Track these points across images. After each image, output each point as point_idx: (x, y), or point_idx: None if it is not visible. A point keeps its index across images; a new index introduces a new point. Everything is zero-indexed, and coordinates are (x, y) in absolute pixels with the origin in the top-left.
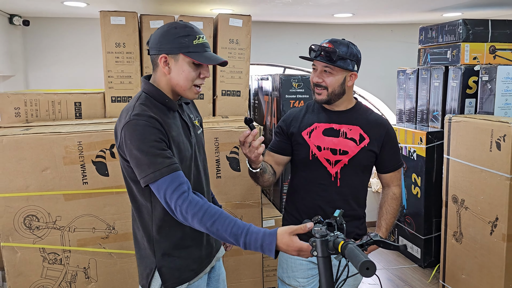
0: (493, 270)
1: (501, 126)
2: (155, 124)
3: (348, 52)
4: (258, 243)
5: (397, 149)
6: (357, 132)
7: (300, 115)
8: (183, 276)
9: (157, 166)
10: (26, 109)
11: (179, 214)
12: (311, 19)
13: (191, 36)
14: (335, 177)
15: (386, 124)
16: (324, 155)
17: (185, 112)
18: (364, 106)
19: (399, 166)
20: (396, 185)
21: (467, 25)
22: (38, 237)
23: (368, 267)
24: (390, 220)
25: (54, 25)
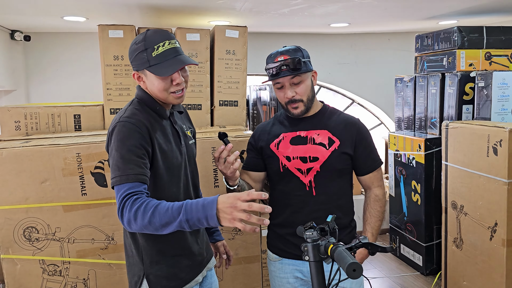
0: (494, 276)
1: (497, 131)
2: (141, 128)
3: (304, 55)
4: (200, 204)
5: (372, 148)
6: (325, 136)
7: (267, 127)
8: (171, 284)
9: (126, 171)
10: (26, 122)
11: (125, 215)
12: (308, 29)
13: (149, 49)
14: (309, 186)
15: (356, 123)
16: (294, 165)
17: (178, 121)
18: (331, 108)
19: (377, 166)
20: (377, 186)
21: (462, 32)
22: (38, 248)
23: (355, 268)
24: (375, 224)
25: (55, 40)
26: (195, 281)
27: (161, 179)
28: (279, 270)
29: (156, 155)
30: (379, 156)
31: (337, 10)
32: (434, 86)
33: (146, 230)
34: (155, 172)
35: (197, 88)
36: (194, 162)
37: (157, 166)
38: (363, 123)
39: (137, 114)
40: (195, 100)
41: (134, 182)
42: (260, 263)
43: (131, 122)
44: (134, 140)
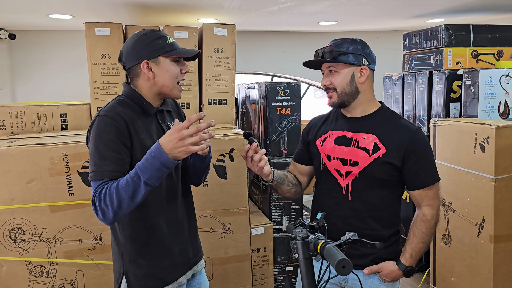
0: (481, 271)
1: (484, 128)
2: (119, 122)
3: (351, 47)
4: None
5: (426, 161)
6: (371, 141)
7: (319, 122)
8: (149, 284)
9: (102, 167)
10: (11, 122)
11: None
12: (297, 28)
13: (163, 37)
14: (346, 190)
15: (412, 133)
16: (334, 166)
17: (166, 119)
18: (389, 112)
19: (431, 183)
20: (426, 205)
21: (449, 30)
22: (24, 250)
23: (344, 265)
24: (416, 246)
25: (41, 38)
26: (178, 282)
27: None
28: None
29: (136, 150)
30: (435, 172)
31: (325, 8)
32: (422, 84)
33: (121, 210)
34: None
35: (186, 86)
36: (184, 159)
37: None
38: (422, 134)
39: (117, 108)
40: (183, 98)
41: (109, 179)
42: (250, 262)
43: (109, 116)
44: (111, 135)
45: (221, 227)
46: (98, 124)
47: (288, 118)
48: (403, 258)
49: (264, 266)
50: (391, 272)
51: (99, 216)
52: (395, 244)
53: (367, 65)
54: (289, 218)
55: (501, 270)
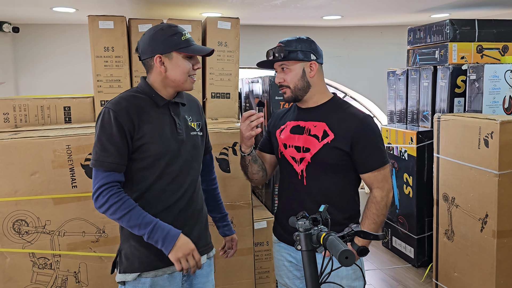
0: (484, 267)
1: (489, 123)
2: (121, 117)
3: (299, 45)
4: (165, 231)
5: (374, 147)
6: (321, 129)
7: (281, 114)
8: (135, 265)
9: (102, 157)
10: (15, 114)
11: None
12: (300, 22)
13: (179, 33)
14: (301, 176)
15: (359, 119)
16: (289, 153)
17: (180, 112)
18: (340, 101)
19: (378, 166)
20: (376, 187)
21: (454, 25)
22: (28, 241)
23: (347, 256)
24: (368, 226)
25: (44, 32)
26: (163, 271)
27: (148, 161)
28: (277, 252)
29: (144, 137)
30: (383, 156)
31: (329, 2)
32: (426, 79)
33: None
34: (143, 154)
35: None
36: (197, 153)
37: (144, 149)
38: (371, 120)
39: (124, 100)
40: None
41: (108, 171)
42: (253, 256)
43: (113, 110)
44: (114, 128)
45: None
46: (103, 117)
47: None
48: (356, 239)
49: (266, 260)
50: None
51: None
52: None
53: (316, 60)
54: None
55: (504, 265)
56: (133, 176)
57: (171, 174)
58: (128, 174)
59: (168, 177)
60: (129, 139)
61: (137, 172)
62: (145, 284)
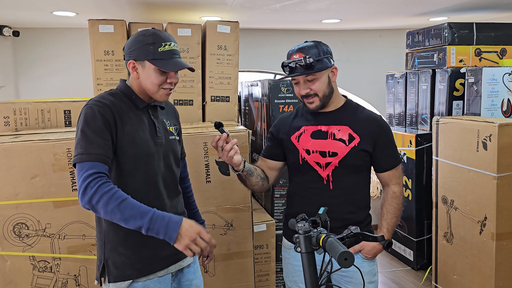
0: (483, 269)
1: (487, 126)
2: (105, 111)
3: (320, 51)
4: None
5: (392, 145)
6: (346, 132)
7: (289, 119)
8: (126, 272)
9: (88, 150)
10: (15, 118)
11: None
12: (300, 26)
13: (157, 43)
14: (327, 180)
15: (377, 120)
16: (313, 158)
17: (158, 115)
18: (354, 104)
19: (397, 164)
20: (395, 184)
21: (452, 28)
22: (28, 245)
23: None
24: (391, 220)
25: (44, 36)
26: (156, 275)
27: (127, 164)
28: (293, 257)
29: (122, 139)
30: (398, 154)
31: (328, 6)
32: (425, 82)
33: (105, 215)
34: (121, 157)
35: (189, 83)
36: (175, 156)
37: (123, 151)
38: (385, 121)
39: (106, 98)
40: (186, 95)
41: (95, 161)
42: (253, 259)
43: (96, 105)
44: (99, 122)
45: (223, 223)
46: (86, 112)
47: None
48: (381, 233)
49: (266, 263)
50: (372, 248)
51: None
52: (369, 224)
53: (334, 64)
54: None
55: (503, 267)
56: (114, 181)
57: (152, 178)
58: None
59: (149, 181)
60: (114, 134)
61: (118, 177)
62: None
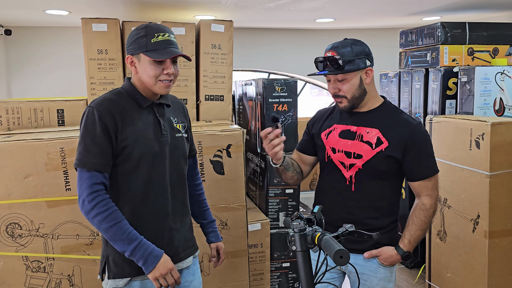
0: (476, 267)
1: (480, 125)
2: (106, 117)
3: (354, 52)
4: (148, 250)
5: (426, 155)
6: (374, 136)
7: (324, 115)
8: (126, 270)
9: (85, 156)
10: (8, 117)
11: (85, 207)
12: (294, 25)
13: (149, 35)
14: (349, 181)
15: (412, 127)
16: (338, 158)
17: (165, 113)
18: (392, 106)
19: (430, 175)
20: (426, 195)
21: (445, 28)
22: (21, 245)
23: (342, 255)
24: (415, 233)
25: (37, 34)
26: None
27: (131, 163)
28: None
29: (128, 138)
30: (434, 164)
31: (322, 5)
32: (418, 81)
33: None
34: (125, 157)
35: (183, 82)
36: (182, 154)
37: (127, 151)
38: (422, 128)
39: (109, 100)
40: (180, 94)
41: (92, 171)
42: (247, 258)
43: (97, 110)
44: (97, 130)
45: (218, 222)
46: (87, 116)
47: (285, 114)
48: (401, 244)
49: (261, 262)
50: (389, 257)
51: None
52: (393, 231)
53: (370, 65)
54: (286, 214)
55: (496, 265)
56: (118, 180)
57: (156, 177)
58: (113, 178)
59: (153, 180)
60: (114, 139)
61: (122, 175)
62: (134, 287)
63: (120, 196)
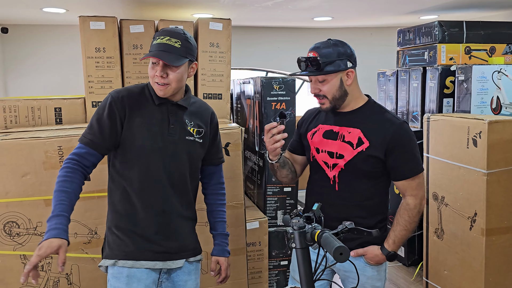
0: (473, 264)
1: (477, 123)
2: (116, 104)
3: (334, 53)
4: (52, 226)
5: (409, 154)
6: (356, 136)
7: (312, 116)
8: (114, 252)
9: (86, 134)
10: (5, 116)
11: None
12: (292, 24)
13: (154, 39)
14: (333, 181)
15: (395, 126)
16: (322, 158)
17: (181, 114)
18: (376, 106)
19: (413, 174)
20: (410, 195)
21: (443, 26)
22: (19, 243)
23: (342, 252)
24: (399, 233)
25: (34, 32)
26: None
27: (131, 153)
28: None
29: (129, 130)
30: (418, 164)
31: (320, 4)
32: (416, 80)
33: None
34: (126, 145)
35: None
36: (190, 158)
37: (129, 140)
38: (407, 127)
39: (126, 90)
40: None
41: (85, 145)
42: (246, 256)
43: (112, 96)
44: (106, 112)
45: None
46: (103, 100)
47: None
48: (386, 244)
49: (259, 260)
50: (375, 256)
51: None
52: (381, 230)
53: (352, 66)
54: (284, 213)
55: (493, 262)
56: (118, 166)
57: (153, 171)
58: (115, 164)
59: (150, 173)
60: (119, 125)
61: (122, 163)
62: (122, 273)
63: (116, 181)
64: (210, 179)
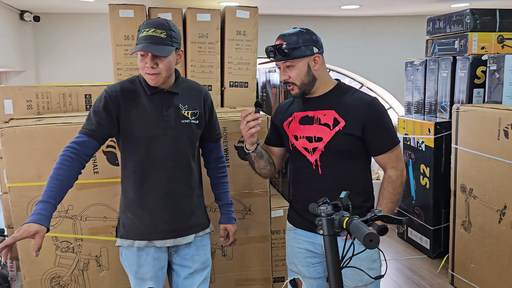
0: (501, 258)
1: (509, 114)
2: (111, 97)
3: (300, 39)
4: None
5: (385, 127)
6: (331, 116)
7: (285, 107)
8: (129, 233)
9: (85, 124)
10: (37, 102)
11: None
12: (318, 12)
13: (140, 31)
14: (315, 165)
15: (367, 103)
16: (301, 144)
17: (173, 100)
18: (345, 87)
19: (391, 147)
20: (391, 167)
21: (475, 14)
22: (51, 225)
23: (372, 239)
24: (386, 205)
25: (64, 21)
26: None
27: (130, 143)
28: (293, 239)
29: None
30: (394, 136)
31: None
32: (445, 69)
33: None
34: (125, 136)
35: (208, 69)
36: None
37: (127, 131)
38: (378, 102)
39: (120, 85)
40: (205, 81)
41: (82, 134)
42: (270, 243)
43: (106, 91)
44: (101, 104)
45: (241, 208)
46: (100, 95)
47: None
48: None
49: (283, 248)
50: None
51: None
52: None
53: (318, 52)
54: None
55: None
56: (124, 159)
57: (154, 157)
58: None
59: (150, 160)
60: (115, 117)
61: (124, 152)
62: (133, 250)
63: (123, 171)
64: (211, 155)
